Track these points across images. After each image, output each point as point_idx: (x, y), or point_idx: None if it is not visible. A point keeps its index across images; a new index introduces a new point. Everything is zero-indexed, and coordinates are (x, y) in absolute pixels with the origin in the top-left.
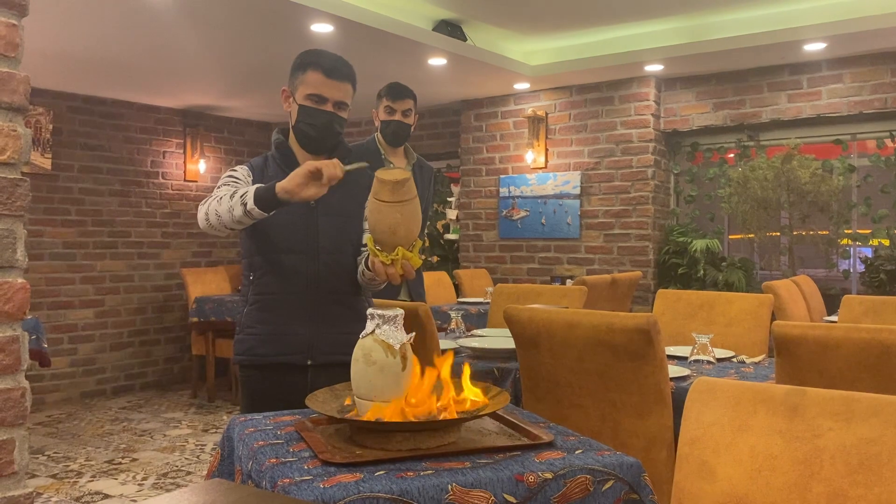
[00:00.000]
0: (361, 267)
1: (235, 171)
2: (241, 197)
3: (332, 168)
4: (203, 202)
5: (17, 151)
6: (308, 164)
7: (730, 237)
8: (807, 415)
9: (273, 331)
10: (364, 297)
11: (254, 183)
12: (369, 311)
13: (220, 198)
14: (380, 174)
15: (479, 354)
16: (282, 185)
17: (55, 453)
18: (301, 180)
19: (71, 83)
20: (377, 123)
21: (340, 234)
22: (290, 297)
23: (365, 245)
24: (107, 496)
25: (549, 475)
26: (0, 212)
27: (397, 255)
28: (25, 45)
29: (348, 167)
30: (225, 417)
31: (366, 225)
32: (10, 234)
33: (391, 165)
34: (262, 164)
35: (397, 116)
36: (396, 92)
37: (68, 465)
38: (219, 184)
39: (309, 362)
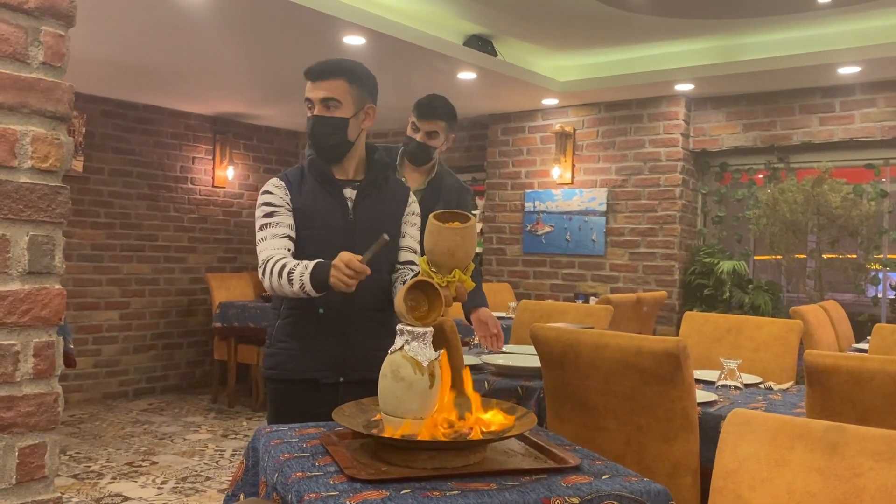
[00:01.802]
0: (400, 286)
1: (271, 193)
2: (289, 276)
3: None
4: (261, 264)
5: (59, 159)
6: (352, 264)
7: (755, 258)
8: (847, 453)
9: (305, 346)
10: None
11: (291, 199)
12: (398, 326)
13: (272, 272)
14: (434, 219)
15: (503, 372)
16: (334, 282)
17: (77, 453)
18: (352, 282)
19: (104, 88)
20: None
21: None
22: (323, 313)
23: (400, 263)
24: (126, 498)
25: (575, 500)
26: (41, 218)
27: (453, 277)
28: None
29: (367, 255)
30: (245, 423)
31: (404, 242)
32: (50, 241)
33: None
34: (299, 179)
35: (420, 136)
36: (424, 111)
37: (90, 466)
38: (258, 213)
39: (341, 379)
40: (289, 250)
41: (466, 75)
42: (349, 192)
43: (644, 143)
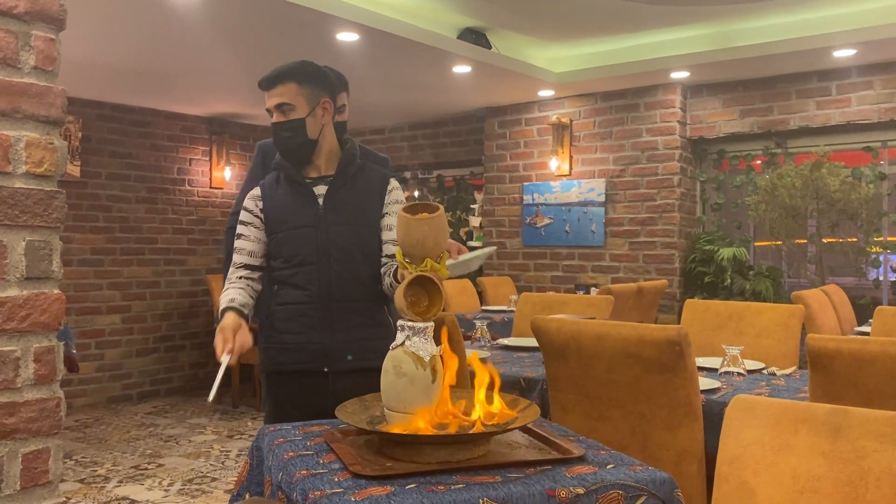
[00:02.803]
0: (389, 279)
1: (246, 210)
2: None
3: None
4: (225, 282)
5: (53, 164)
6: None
7: (755, 244)
8: (850, 435)
9: (291, 340)
10: (385, 305)
11: (263, 207)
12: (399, 322)
13: (228, 285)
14: (403, 211)
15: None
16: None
17: (83, 457)
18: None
19: (100, 91)
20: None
21: (351, 242)
22: (305, 306)
23: (387, 256)
24: (134, 501)
25: (580, 490)
26: (37, 224)
27: (425, 266)
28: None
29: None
30: (250, 423)
31: (384, 235)
32: (47, 246)
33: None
34: (275, 184)
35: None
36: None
37: (96, 470)
38: (237, 231)
39: (325, 369)
40: (240, 278)
41: (461, 69)
42: (321, 189)
43: (641, 132)
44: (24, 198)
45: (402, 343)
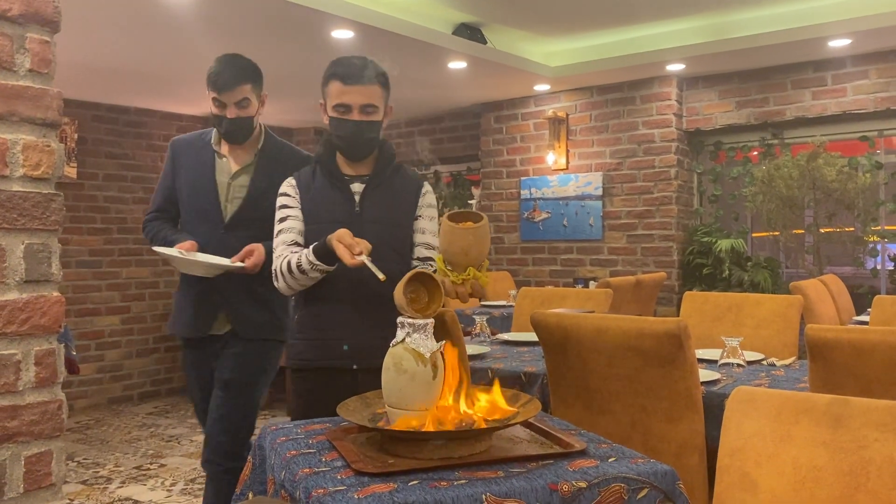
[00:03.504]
0: None
1: (286, 195)
2: (298, 265)
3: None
4: (273, 274)
5: (51, 166)
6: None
7: (753, 235)
8: (851, 425)
9: (319, 336)
10: None
11: (301, 198)
12: (399, 319)
13: (282, 273)
14: (448, 220)
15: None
16: (335, 242)
17: (85, 459)
18: (351, 239)
19: (95, 93)
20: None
21: (384, 241)
22: (334, 303)
23: (418, 259)
24: (137, 502)
25: (583, 484)
26: (35, 226)
27: (468, 275)
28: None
29: (371, 265)
30: None
31: (416, 237)
32: (46, 249)
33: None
34: (310, 178)
35: (231, 112)
36: (225, 81)
37: (98, 472)
38: (276, 215)
39: (354, 366)
40: (293, 253)
41: (457, 64)
42: (357, 187)
43: (637, 125)
44: (21, 201)
45: (403, 340)
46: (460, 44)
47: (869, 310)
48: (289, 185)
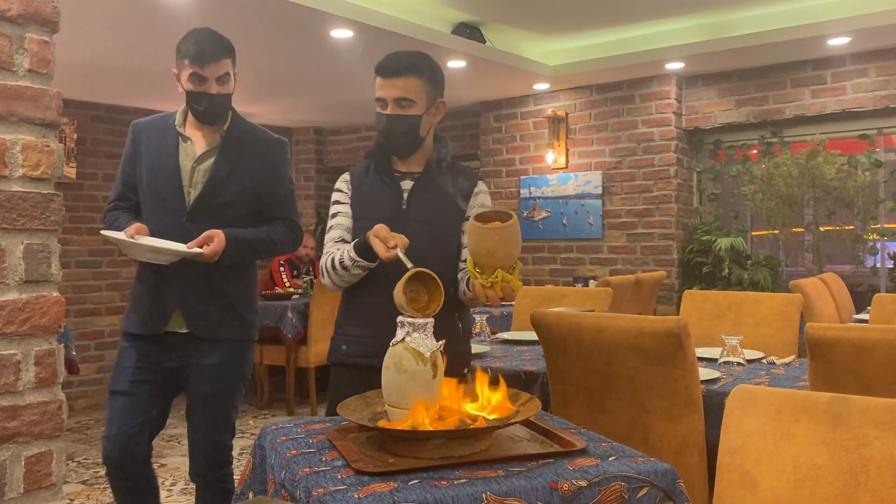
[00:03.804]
0: (462, 287)
1: (339, 190)
2: (341, 262)
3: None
4: (320, 270)
5: (50, 167)
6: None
7: (753, 234)
8: (851, 423)
9: (360, 333)
10: (455, 311)
11: (351, 193)
12: (399, 318)
13: (327, 270)
14: (475, 219)
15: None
16: (372, 237)
17: (85, 459)
18: (387, 234)
19: (94, 93)
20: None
21: (429, 241)
22: (376, 300)
23: (465, 261)
24: None
25: (583, 483)
26: (35, 227)
27: (497, 277)
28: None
29: (403, 258)
30: (251, 422)
31: (465, 239)
32: (45, 249)
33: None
34: (364, 172)
35: (214, 88)
36: (206, 54)
37: (98, 472)
38: (330, 212)
39: None
40: (338, 250)
41: (456, 63)
42: (407, 184)
43: (637, 123)
44: (21, 201)
45: (403, 339)
46: (460, 43)
47: (869, 308)
48: (342, 181)
